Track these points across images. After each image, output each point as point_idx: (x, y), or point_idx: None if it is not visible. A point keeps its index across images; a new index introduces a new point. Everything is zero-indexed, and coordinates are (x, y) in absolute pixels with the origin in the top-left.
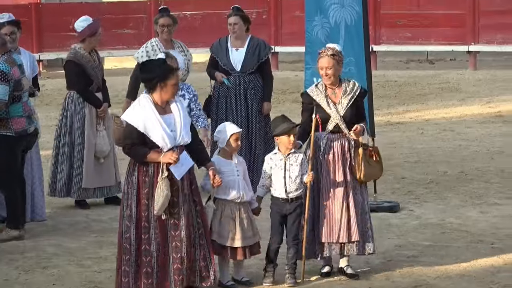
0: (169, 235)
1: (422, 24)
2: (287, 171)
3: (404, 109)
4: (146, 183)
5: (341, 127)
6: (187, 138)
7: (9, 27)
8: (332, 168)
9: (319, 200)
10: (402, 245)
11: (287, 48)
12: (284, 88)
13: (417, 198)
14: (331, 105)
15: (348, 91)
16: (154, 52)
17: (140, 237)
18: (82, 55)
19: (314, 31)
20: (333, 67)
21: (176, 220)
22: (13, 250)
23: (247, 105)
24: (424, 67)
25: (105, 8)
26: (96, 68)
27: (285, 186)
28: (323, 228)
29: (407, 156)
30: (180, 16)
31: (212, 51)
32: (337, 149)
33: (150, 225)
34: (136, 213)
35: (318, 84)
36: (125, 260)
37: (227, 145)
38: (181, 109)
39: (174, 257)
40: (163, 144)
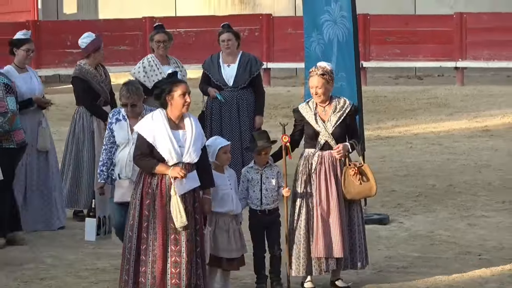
0: (168, 250)
1: (411, 41)
2: (263, 184)
3: (393, 124)
4: (148, 194)
5: (330, 143)
6: (195, 156)
7: (32, 44)
8: (324, 184)
9: (313, 216)
10: (392, 256)
11: (279, 64)
12: (276, 103)
13: (406, 211)
14: (319, 122)
15: (338, 108)
16: (150, 67)
17: (139, 247)
18: (87, 71)
19: (312, 47)
20: (323, 86)
21: (176, 235)
22: (12, 261)
23: (239, 119)
24: (412, 82)
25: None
26: (103, 82)
27: (261, 199)
28: (318, 243)
29: (397, 170)
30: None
31: (204, 68)
32: (328, 165)
33: (149, 236)
34: (138, 223)
35: (310, 102)
36: (125, 270)
37: (217, 158)
38: (195, 126)
39: (173, 271)
40: (168, 157)
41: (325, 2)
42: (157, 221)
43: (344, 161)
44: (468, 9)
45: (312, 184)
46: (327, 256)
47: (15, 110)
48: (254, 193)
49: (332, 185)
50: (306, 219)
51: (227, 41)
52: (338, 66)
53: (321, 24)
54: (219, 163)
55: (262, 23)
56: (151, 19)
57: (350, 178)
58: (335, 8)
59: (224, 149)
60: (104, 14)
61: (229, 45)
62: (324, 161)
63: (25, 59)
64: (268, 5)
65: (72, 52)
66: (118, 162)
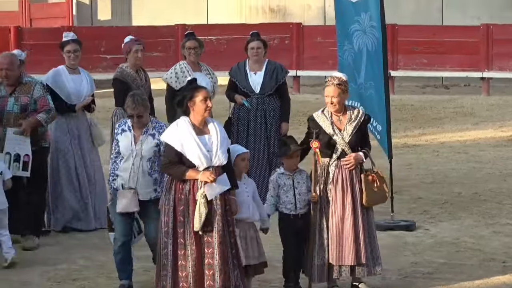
0: (203, 252)
1: (438, 51)
2: (296, 189)
3: (420, 132)
4: (182, 200)
5: (347, 152)
6: (224, 159)
7: (73, 45)
8: (340, 193)
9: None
10: (418, 262)
11: (308, 72)
12: (305, 110)
13: (432, 218)
14: (336, 131)
15: (353, 118)
16: (182, 73)
17: (177, 253)
18: (127, 74)
19: (345, 55)
20: (339, 96)
21: (209, 238)
22: (45, 262)
23: (266, 126)
24: (439, 92)
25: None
26: (142, 86)
27: (295, 203)
28: (334, 251)
29: (423, 177)
30: (206, 41)
31: (231, 75)
32: (345, 174)
33: (186, 241)
34: (173, 229)
35: (324, 110)
36: (163, 276)
37: (235, 166)
38: (219, 130)
39: (207, 274)
40: (199, 163)
41: (355, 12)
42: (192, 226)
43: (360, 169)
44: (494, 21)
45: (329, 192)
46: (340, 264)
47: (54, 107)
48: (287, 198)
49: (348, 193)
50: (326, 227)
51: (256, 49)
52: (367, 75)
53: (351, 33)
54: (237, 170)
55: (292, 32)
56: (184, 27)
57: (368, 185)
58: (365, 18)
59: (241, 157)
60: (138, 21)
61: (258, 53)
62: (341, 170)
63: (69, 60)
64: (298, 14)
65: (106, 58)
66: (122, 172)
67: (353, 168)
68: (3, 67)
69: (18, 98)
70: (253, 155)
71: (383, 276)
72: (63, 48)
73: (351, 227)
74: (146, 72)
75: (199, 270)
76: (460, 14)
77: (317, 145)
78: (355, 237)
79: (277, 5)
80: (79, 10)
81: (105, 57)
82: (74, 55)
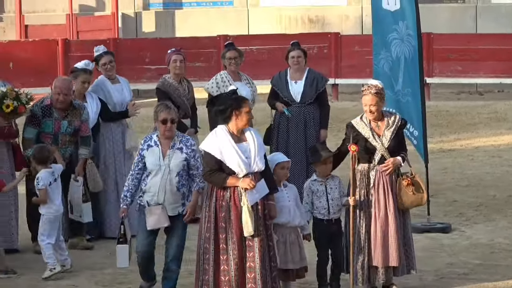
0: (244, 256)
1: (472, 58)
2: (329, 194)
3: (455, 137)
4: (223, 207)
5: (386, 157)
6: (261, 165)
7: (107, 57)
8: (382, 197)
9: (371, 228)
10: (453, 263)
11: (346, 80)
12: (344, 117)
13: (467, 220)
14: (376, 137)
15: (391, 123)
16: (223, 83)
17: (219, 258)
18: (169, 84)
19: (380, 64)
20: (376, 104)
21: (250, 242)
22: (92, 266)
23: (306, 134)
24: (474, 98)
25: (177, 43)
26: (185, 96)
27: (328, 208)
28: (378, 253)
29: (458, 181)
30: (247, 51)
31: (273, 84)
32: (386, 179)
33: (228, 246)
34: (214, 235)
35: (363, 117)
36: (204, 280)
37: (275, 174)
38: (256, 137)
39: (248, 277)
40: (238, 170)
41: (393, 21)
42: (233, 231)
43: (397, 173)
44: None
45: (370, 197)
46: (384, 265)
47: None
48: (320, 204)
49: (390, 197)
50: (368, 230)
51: (296, 58)
52: (404, 82)
53: (389, 42)
54: (276, 178)
55: (331, 41)
56: (225, 37)
57: (404, 189)
58: (402, 27)
59: (281, 165)
60: (181, 32)
61: (298, 61)
62: (381, 175)
63: (106, 72)
64: (336, 24)
65: (150, 68)
66: (150, 188)
67: (391, 172)
68: (61, 92)
69: (71, 121)
70: (292, 163)
71: (420, 277)
72: (97, 62)
73: (394, 229)
74: (189, 82)
75: (241, 274)
76: (494, 22)
77: (355, 148)
78: (398, 239)
79: (315, 15)
80: (124, 23)
81: (149, 67)
82: (110, 65)
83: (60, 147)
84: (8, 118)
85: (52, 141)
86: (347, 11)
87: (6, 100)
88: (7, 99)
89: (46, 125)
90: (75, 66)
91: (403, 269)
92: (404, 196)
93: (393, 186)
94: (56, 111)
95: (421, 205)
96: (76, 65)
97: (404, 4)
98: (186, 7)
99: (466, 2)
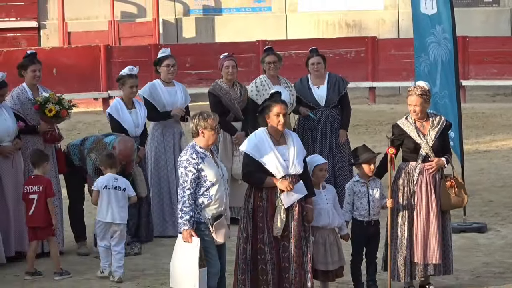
0: (280, 256)
1: (507, 61)
2: (370, 196)
3: (491, 138)
4: (260, 207)
5: (430, 156)
6: (300, 168)
7: (171, 59)
8: (425, 195)
9: (413, 225)
10: (489, 262)
11: (383, 83)
12: (381, 119)
13: (503, 220)
14: (421, 135)
15: (436, 124)
16: (262, 87)
17: (256, 258)
18: (220, 87)
19: (421, 67)
20: (421, 105)
21: (285, 242)
22: (135, 268)
23: (332, 137)
24: (509, 100)
25: (217, 48)
26: (236, 100)
27: (369, 210)
28: (419, 250)
29: (494, 181)
30: (286, 55)
31: (296, 90)
32: (429, 177)
33: (265, 246)
34: (252, 235)
35: (408, 117)
36: (241, 280)
37: (313, 175)
38: (295, 141)
39: (283, 276)
40: (276, 172)
41: (431, 25)
42: (271, 231)
43: (441, 174)
44: None
45: (413, 195)
46: (426, 263)
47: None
48: (361, 205)
49: (432, 196)
50: (410, 228)
51: (316, 64)
52: (441, 84)
53: (427, 45)
54: (315, 180)
55: (368, 45)
56: (264, 42)
57: (446, 191)
58: (439, 30)
59: (319, 167)
60: (221, 38)
61: (318, 68)
62: (425, 174)
63: (167, 74)
64: (373, 28)
65: (190, 73)
66: (216, 200)
67: (435, 172)
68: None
69: None
70: None
71: (456, 276)
72: (160, 63)
73: (435, 227)
74: (243, 86)
75: (277, 273)
76: None
77: (393, 151)
78: (439, 237)
79: (353, 20)
80: (165, 29)
81: (189, 72)
82: (173, 68)
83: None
84: (51, 122)
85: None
86: (384, 15)
87: (48, 104)
88: (49, 104)
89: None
90: (121, 74)
91: (440, 268)
92: (446, 198)
93: (436, 186)
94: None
95: (461, 207)
96: (121, 73)
97: (440, 8)
98: (225, 13)
99: (501, 6)
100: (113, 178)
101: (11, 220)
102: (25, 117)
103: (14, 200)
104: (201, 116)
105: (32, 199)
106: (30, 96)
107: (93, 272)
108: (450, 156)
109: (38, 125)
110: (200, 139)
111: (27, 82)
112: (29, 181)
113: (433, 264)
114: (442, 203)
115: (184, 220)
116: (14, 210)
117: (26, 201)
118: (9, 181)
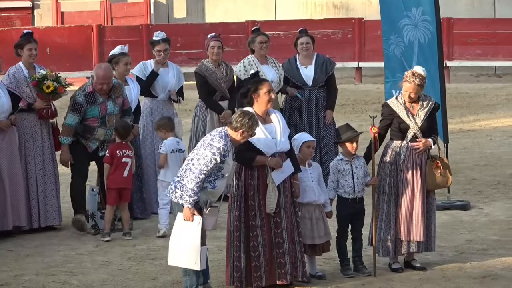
0: (273, 232)
1: (491, 42)
2: (354, 173)
3: (474, 118)
4: (251, 185)
5: (418, 136)
6: (286, 145)
7: (163, 44)
8: (410, 174)
9: (398, 202)
10: (472, 239)
11: (370, 63)
12: (367, 99)
13: (486, 198)
14: (410, 116)
15: (425, 105)
16: (250, 66)
17: (249, 235)
18: (206, 67)
19: (390, 49)
20: (417, 92)
21: (278, 219)
22: (126, 243)
23: (318, 117)
24: (492, 80)
25: (207, 29)
26: (222, 79)
27: (354, 187)
28: (402, 227)
29: (477, 160)
30: (274, 36)
31: (283, 70)
32: (415, 157)
33: (257, 223)
34: (244, 213)
35: (398, 97)
36: (236, 257)
37: (301, 152)
38: (280, 119)
39: (277, 252)
40: (265, 149)
41: (405, 8)
42: (262, 209)
43: (427, 154)
44: None
45: (399, 173)
46: (409, 240)
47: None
48: (346, 182)
49: (418, 175)
50: (395, 205)
51: (305, 44)
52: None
53: (401, 28)
54: (302, 156)
55: (354, 26)
56: (253, 23)
57: (432, 171)
58: (416, 13)
59: (307, 144)
60: (210, 18)
61: (307, 48)
62: (412, 153)
63: (158, 58)
64: (360, 10)
65: (181, 53)
66: (218, 191)
67: (421, 152)
68: (105, 82)
69: (114, 100)
70: None
71: (440, 252)
72: (153, 46)
73: (419, 206)
74: (228, 65)
75: (269, 249)
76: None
77: (376, 130)
78: (422, 216)
79: (340, 1)
80: (156, 9)
81: (180, 52)
82: (164, 54)
83: (108, 128)
84: (48, 99)
85: (100, 123)
86: None
87: (46, 81)
88: (47, 80)
89: (92, 111)
90: (112, 53)
91: (422, 246)
92: (431, 178)
93: (422, 166)
94: (99, 95)
95: (445, 187)
96: (112, 53)
97: None
98: None
99: None
100: (176, 141)
101: (7, 195)
102: (20, 95)
103: (10, 175)
104: (252, 121)
105: (125, 163)
106: (26, 74)
107: (86, 247)
108: (437, 137)
109: (34, 102)
110: (235, 135)
111: (24, 61)
112: (119, 146)
113: (416, 241)
114: (427, 182)
115: (192, 199)
116: (10, 184)
117: (117, 163)
118: (4, 156)
